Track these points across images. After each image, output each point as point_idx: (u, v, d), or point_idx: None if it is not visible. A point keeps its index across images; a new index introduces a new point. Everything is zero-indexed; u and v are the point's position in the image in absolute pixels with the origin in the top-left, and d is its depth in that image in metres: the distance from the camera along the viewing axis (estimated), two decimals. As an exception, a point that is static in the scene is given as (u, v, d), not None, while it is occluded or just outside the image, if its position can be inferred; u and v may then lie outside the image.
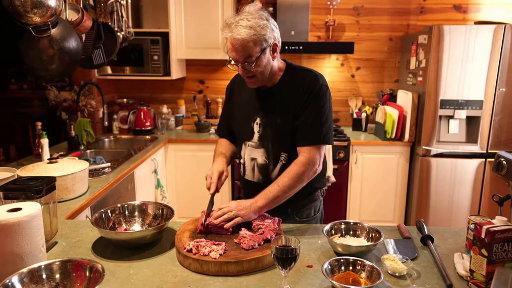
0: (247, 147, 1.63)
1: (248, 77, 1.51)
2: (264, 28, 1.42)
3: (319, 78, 1.53)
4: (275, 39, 1.49)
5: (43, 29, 1.90)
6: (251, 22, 1.40)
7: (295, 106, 1.52)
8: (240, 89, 1.69)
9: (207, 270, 1.19)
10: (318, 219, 1.73)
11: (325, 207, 1.81)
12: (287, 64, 1.61)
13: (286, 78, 1.57)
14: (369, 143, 3.37)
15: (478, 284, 1.08)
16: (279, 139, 1.56)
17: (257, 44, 1.42)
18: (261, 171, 1.61)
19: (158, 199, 3.17)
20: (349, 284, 1.07)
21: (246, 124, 1.61)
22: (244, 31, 1.39)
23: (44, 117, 2.86)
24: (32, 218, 1.11)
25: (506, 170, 1.41)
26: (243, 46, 1.41)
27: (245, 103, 1.64)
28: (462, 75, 3.07)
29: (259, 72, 1.48)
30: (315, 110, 1.50)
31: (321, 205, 1.75)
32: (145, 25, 3.67)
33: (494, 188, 3.19)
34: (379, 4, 3.71)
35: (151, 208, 1.52)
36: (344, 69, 3.87)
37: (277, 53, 1.53)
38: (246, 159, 1.64)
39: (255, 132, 1.59)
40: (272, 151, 1.58)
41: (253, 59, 1.44)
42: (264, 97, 1.59)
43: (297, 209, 1.64)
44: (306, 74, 1.55)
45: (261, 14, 1.44)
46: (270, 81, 1.57)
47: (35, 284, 1.03)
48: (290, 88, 1.54)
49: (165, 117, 3.72)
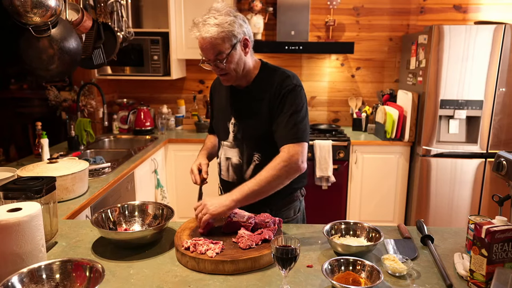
0: (223, 147, 1.64)
1: (221, 74, 1.51)
2: (232, 24, 1.41)
3: (292, 79, 1.53)
4: (245, 34, 1.48)
5: (43, 29, 1.90)
6: (218, 20, 1.40)
7: (269, 107, 1.52)
8: (219, 90, 1.70)
9: (203, 268, 1.20)
10: (299, 220, 1.71)
11: (324, 207, 1.81)
12: (262, 63, 1.60)
13: (260, 78, 1.56)
14: (369, 143, 3.37)
15: (478, 284, 1.08)
16: (252, 139, 1.56)
17: (226, 40, 1.42)
18: (235, 171, 1.61)
19: (158, 199, 3.17)
20: (349, 284, 1.07)
21: (223, 124, 1.62)
22: (212, 29, 1.39)
23: (44, 117, 2.86)
24: (32, 218, 1.11)
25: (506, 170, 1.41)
26: (212, 44, 1.41)
27: (223, 103, 1.66)
28: (462, 75, 3.07)
29: (232, 69, 1.48)
30: (291, 110, 1.50)
31: (301, 205, 1.73)
32: (145, 25, 3.67)
33: (494, 188, 3.19)
34: (379, 4, 3.71)
35: (151, 208, 1.52)
36: (344, 69, 3.87)
37: (249, 49, 1.52)
38: (222, 159, 1.65)
39: (230, 132, 1.60)
40: (246, 151, 1.58)
41: (224, 56, 1.43)
42: (238, 97, 1.59)
43: (276, 209, 1.62)
44: (279, 74, 1.55)
45: (229, 10, 1.44)
46: (245, 80, 1.56)
47: (35, 284, 1.03)
48: (264, 88, 1.54)
49: (165, 117, 3.72)
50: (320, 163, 3.27)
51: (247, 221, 1.37)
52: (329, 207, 3.39)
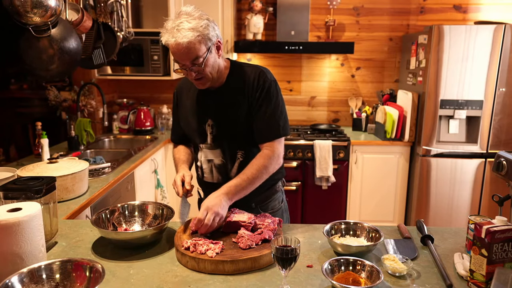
0: (202, 149, 1.62)
1: (196, 79, 1.49)
2: (206, 28, 1.40)
3: (266, 74, 1.54)
4: (217, 37, 1.47)
5: (43, 29, 1.90)
6: (192, 24, 1.38)
7: (246, 103, 1.52)
8: (188, 93, 1.67)
9: (203, 268, 1.20)
10: (283, 209, 1.73)
11: (325, 207, 1.82)
12: (231, 62, 1.60)
13: (232, 76, 1.56)
14: (369, 143, 3.37)
15: (478, 284, 1.08)
16: (234, 137, 1.56)
17: (203, 44, 1.40)
18: (220, 171, 1.61)
19: (158, 199, 3.17)
20: (349, 284, 1.07)
21: (198, 127, 1.60)
22: (188, 33, 1.37)
23: (44, 117, 2.86)
24: (32, 218, 1.11)
25: (506, 170, 1.41)
26: (189, 49, 1.38)
27: (195, 106, 1.62)
28: (462, 75, 3.07)
29: (208, 72, 1.46)
30: (269, 106, 1.51)
31: (283, 196, 1.76)
32: (145, 25, 3.66)
33: (494, 188, 3.19)
34: (379, 4, 3.71)
35: (151, 208, 1.52)
36: (344, 69, 3.87)
37: (221, 51, 1.52)
38: (203, 161, 1.63)
39: (208, 133, 1.58)
40: (228, 150, 1.58)
41: (200, 60, 1.42)
42: (213, 97, 1.58)
43: (261, 202, 1.64)
44: (252, 70, 1.55)
45: (201, 14, 1.42)
46: (218, 81, 1.55)
47: (35, 284, 1.03)
48: (238, 85, 1.54)
49: (165, 117, 3.72)
50: (320, 163, 3.27)
51: (247, 221, 1.38)
52: (329, 207, 3.39)
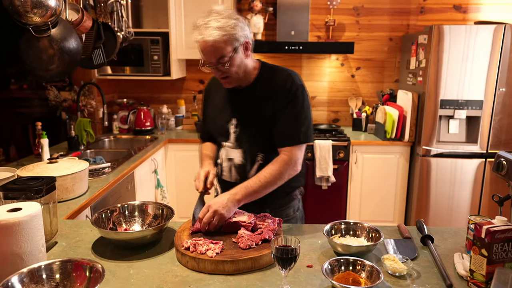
0: (224, 148, 1.62)
1: (222, 78, 1.49)
2: (234, 28, 1.40)
3: (294, 78, 1.52)
4: (246, 37, 1.46)
5: (43, 29, 1.90)
6: (220, 23, 1.38)
7: (272, 106, 1.51)
8: (216, 91, 1.67)
9: (203, 268, 1.20)
10: (298, 218, 1.71)
11: (325, 207, 1.81)
12: (261, 63, 1.60)
13: (261, 77, 1.56)
14: (369, 143, 3.37)
15: (478, 284, 1.08)
16: (255, 139, 1.55)
17: (229, 44, 1.40)
18: (238, 171, 1.60)
19: (158, 199, 3.17)
20: (349, 284, 1.07)
21: (223, 125, 1.60)
22: (215, 32, 1.37)
23: (44, 117, 2.86)
24: (32, 218, 1.11)
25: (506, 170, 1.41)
26: (215, 48, 1.39)
27: (221, 104, 1.63)
28: (462, 75, 3.07)
29: (234, 72, 1.46)
30: (294, 110, 1.49)
31: (300, 204, 1.74)
32: (145, 25, 3.67)
33: (494, 188, 3.19)
34: (379, 4, 3.71)
35: (151, 208, 1.52)
36: (344, 69, 3.87)
37: (250, 51, 1.51)
38: (224, 160, 1.63)
39: (231, 133, 1.58)
40: (249, 151, 1.57)
41: (226, 60, 1.42)
42: (240, 97, 1.58)
43: (275, 209, 1.62)
44: (281, 73, 1.54)
45: (231, 13, 1.42)
46: (245, 81, 1.55)
47: (35, 284, 1.03)
48: (266, 87, 1.53)
49: (165, 117, 3.72)
50: (320, 163, 3.27)
51: (247, 221, 1.38)
52: (329, 207, 3.38)
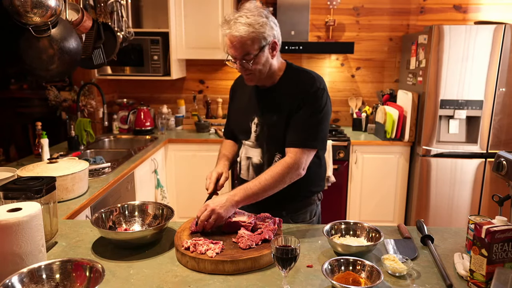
0: (244, 146, 1.63)
1: (246, 74, 1.50)
2: (263, 26, 1.40)
3: (316, 80, 1.51)
4: (274, 37, 1.46)
5: (43, 29, 1.90)
6: (250, 20, 1.38)
7: (290, 107, 1.50)
8: (242, 89, 1.68)
9: (203, 268, 1.20)
10: (314, 223, 1.69)
11: (324, 207, 1.80)
12: (287, 64, 1.59)
13: (285, 78, 1.56)
14: (369, 143, 3.37)
15: (478, 284, 1.08)
16: (274, 139, 1.55)
17: (256, 42, 1.40)
18: (256, 170, 1.60)
19: (158, 199, 3.17)
20: (349, 284, 1.07)
21: (245, 123, 1.60)
22: (243, 28, 1.37)
23: (44, 117, 2.86)
24: (32, 218, 1.11)
25: (506, 170, 1.41)
26: (241, 44, 1.39)
27: (245, 103, 1.64)
28: (462, 75, 3.07)
29: (258, 70, 1.46)
30: (308, 112, 1.47)
31: (318, 209, 1.72)
32: (145, 25, 3.67)
33: (494, 188, 3.19)
34: (379, 4, 3.71)
35: (151, 208, 1.52)
36: (344, 69, 3.87)
37: (277, 52, 1.51)
38: (243, 158, 1.64)
39: (252, 131, 1.58)
40: (267, 151, 1.57)
41: (251, 57, 1.42)
42: (263, 96, 1.58)
43: (292, 212, 1.62)
44: (305, 75, 1.54)
45: (261, 12, 1.42)
46: (270, 80, 1.55)
47: (35, 284, 1.03)
48: (288, 88, 1.53)
49: (165, 117, 3.72)
50: (320, 163, 3.26)
51: (247, 221, 1.38)
52: (329, 207, 3.38)
